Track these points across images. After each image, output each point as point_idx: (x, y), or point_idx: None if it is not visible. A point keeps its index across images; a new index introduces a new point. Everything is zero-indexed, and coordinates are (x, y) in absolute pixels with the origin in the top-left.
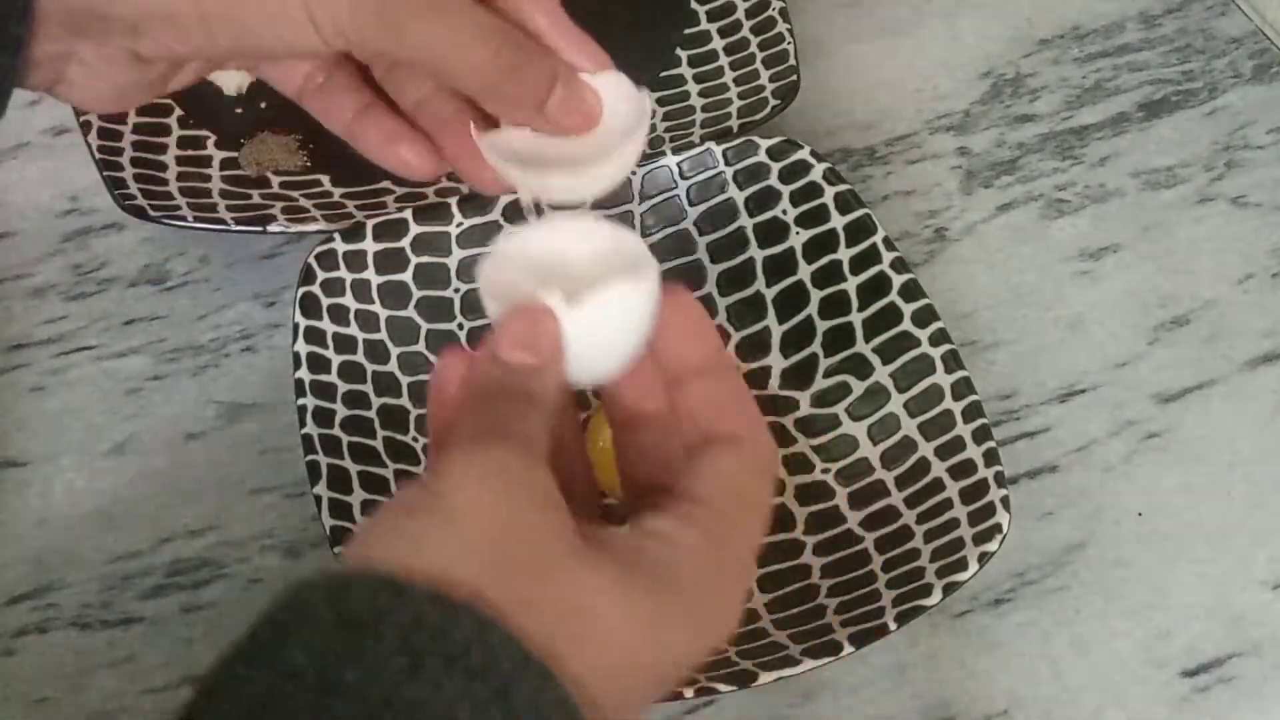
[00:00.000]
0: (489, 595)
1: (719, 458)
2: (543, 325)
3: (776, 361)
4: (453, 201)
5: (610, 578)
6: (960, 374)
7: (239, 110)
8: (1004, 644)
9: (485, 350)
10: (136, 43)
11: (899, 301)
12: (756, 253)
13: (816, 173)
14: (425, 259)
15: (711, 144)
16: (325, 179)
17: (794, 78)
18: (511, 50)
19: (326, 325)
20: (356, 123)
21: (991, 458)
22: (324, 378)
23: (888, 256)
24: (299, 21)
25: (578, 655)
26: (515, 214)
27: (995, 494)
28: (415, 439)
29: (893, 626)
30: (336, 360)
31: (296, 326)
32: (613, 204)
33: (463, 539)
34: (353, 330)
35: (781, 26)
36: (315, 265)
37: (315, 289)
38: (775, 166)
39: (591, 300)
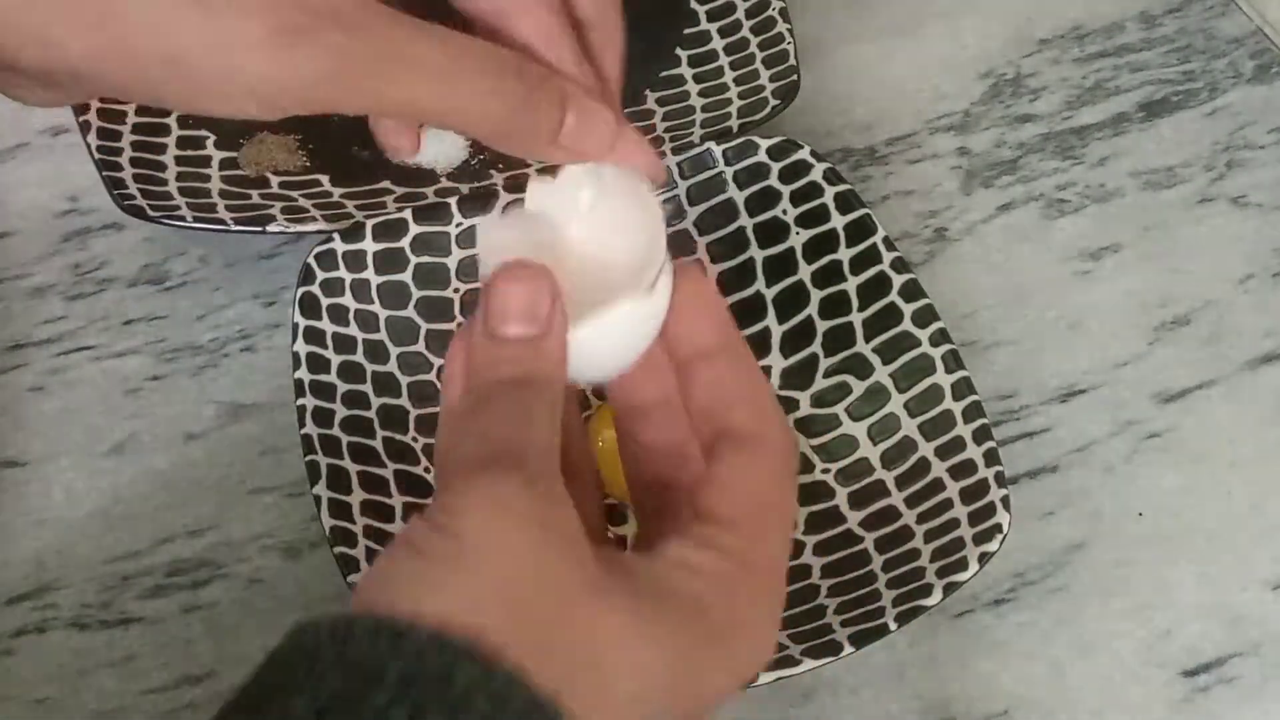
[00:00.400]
0: (500, 640)
1: (737, 467)
2: (539, 285)
3: (776, 361)
4: (452, 201)
5: (633, 616)
6: (960, 374)
7: None
8: (1004, 644)
9: (480, 328)
10: (67, 90)
11: (899, 301)
12: (756, 253)
13: (816, 173)
14: (425, 259)
15: (711, 144)
16: (325, 179)
17: (794, 78)
18: (512, 94)
19: (326, 325)
20: None
21: (992, 458)
22: (323, 378)
23: (888, 256)
24: (243, 105)
25: (597, 701)
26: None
27: (995, 494)
28: (415, 439)
29: (893, 626)
30: (336, 360)
31: (296, 326)
32: None
33: (475, 582)
34: (352, 330)
35: (781, 26)
36: (315, 265)
37: (315, 289)
38: (775, 166)
39: (596, 319)
